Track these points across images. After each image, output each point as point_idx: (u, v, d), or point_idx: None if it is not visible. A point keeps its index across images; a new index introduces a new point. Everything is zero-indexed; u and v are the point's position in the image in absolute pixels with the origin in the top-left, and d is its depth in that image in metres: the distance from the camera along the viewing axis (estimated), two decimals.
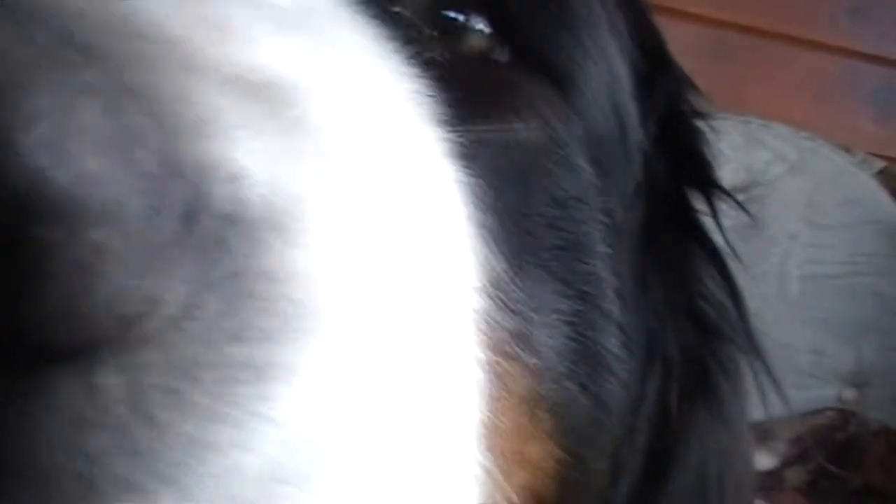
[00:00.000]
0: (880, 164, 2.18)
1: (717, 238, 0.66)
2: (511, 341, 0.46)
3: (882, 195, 2.04)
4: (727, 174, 2.12)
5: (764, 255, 2.02)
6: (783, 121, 2.11)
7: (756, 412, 2.00)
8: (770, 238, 2.03)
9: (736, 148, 2.09)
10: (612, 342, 0.54)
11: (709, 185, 0.65)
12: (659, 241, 0.60)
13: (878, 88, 2.74)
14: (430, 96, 0.43)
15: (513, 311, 0.46)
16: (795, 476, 1.83)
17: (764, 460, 1.88)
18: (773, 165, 2.06)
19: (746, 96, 2.19)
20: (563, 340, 0.50)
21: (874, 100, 2.52)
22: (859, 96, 2.31)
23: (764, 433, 1.93)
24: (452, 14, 0.49)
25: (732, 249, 0.67)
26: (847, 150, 2.17)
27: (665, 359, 0.60)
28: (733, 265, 0.66)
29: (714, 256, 0.65)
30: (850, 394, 1.99)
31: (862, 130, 2.31)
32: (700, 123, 0.64)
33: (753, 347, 0.67)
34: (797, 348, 2.00)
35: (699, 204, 0.65)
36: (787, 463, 1.86)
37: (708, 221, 0.66)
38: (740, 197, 2.16)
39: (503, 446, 0.45)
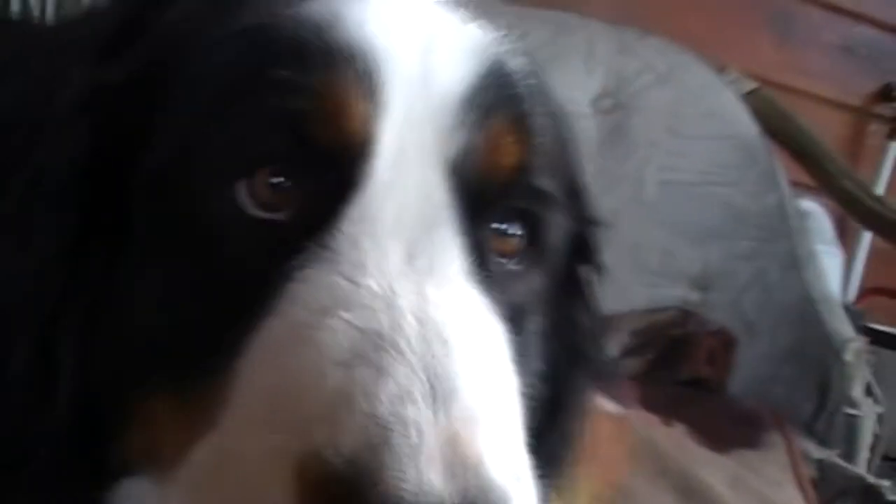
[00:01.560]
0: (752, 84, 2.30)
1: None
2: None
3: (742, 112, 2.15)
4: (598, 79, 2.22)
5: (625, 160, 2.13)
6: (685, 39, 2.21)
7: (605, 306, 2.13)
8: (632, 143, 2.14)
9: (610, 55, 2.18)
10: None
11: (595, 269, 0.96)
12: (561, 302, 0.88)
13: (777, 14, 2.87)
14: None
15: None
16: (632, 365, 1.97)
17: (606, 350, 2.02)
18: (643, 75, 2.16)
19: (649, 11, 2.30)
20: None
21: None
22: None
23: (608, 325, 2.06)
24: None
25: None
26: (722, 68, 2.28)
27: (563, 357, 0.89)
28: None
29: (589, 307, 0.96)
30: (694, 295, 2.13)
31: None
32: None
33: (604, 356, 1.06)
34: (649, 249, 2.13)
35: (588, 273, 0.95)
36: (626, 353, 1.99)
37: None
38: (608, 102, 2.25)
39: None
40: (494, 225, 0.75)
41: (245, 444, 0.64)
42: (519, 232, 0.77)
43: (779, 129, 2.20)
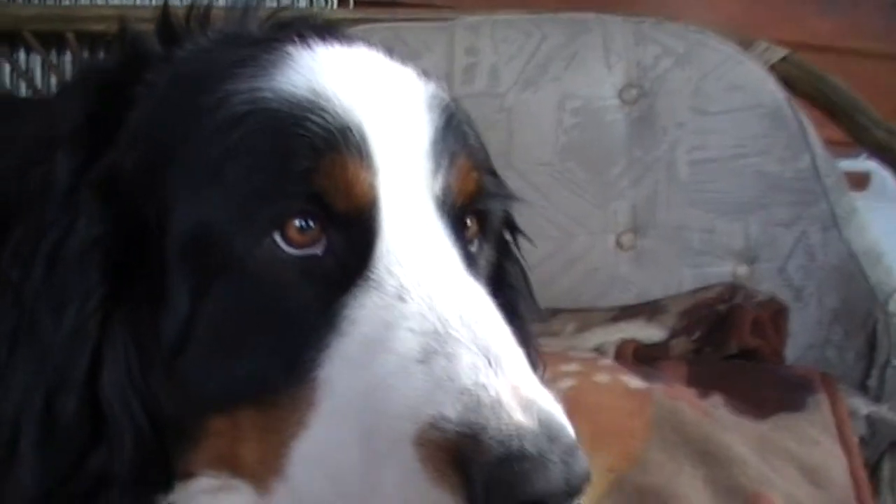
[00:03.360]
0: (782, 52, 2.28)
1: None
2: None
3: (766, 80, 2.14)
4: (620, 71, 2.25)
5: (655, 145, 2.15)
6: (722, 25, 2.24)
7: (654, 291, 2.15)
8: (660, 128, 2.16)
9: (627, 47, 2.21)
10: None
11: (517, 232, 1.15)
12: (496, 261, 1.07)
13: None
14: None
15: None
16: (681, 346, 1.97)
17: (654, 333, 2.03)
18: (662, 60, 2.17)
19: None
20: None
21: None
22: None
23: (655, 309, 2.08)
24: None
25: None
26: (750, 42, 2.27)
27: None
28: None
29: (517, 262, 1.15)
30: (742, 269, 2.13)
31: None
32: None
33: (534, 299, 1.17)
34: (690, 229, 2.14)
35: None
36: (674, 335, 2.00)
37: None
38: (633, 92, 2.28)
39: None
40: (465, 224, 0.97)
41: (348, 434, 0.81)
42: (472, 223, 0.98)
43: (811, 90, 2.18)
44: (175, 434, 0.88)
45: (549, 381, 1.59)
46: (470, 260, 0.93)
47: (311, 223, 0.86)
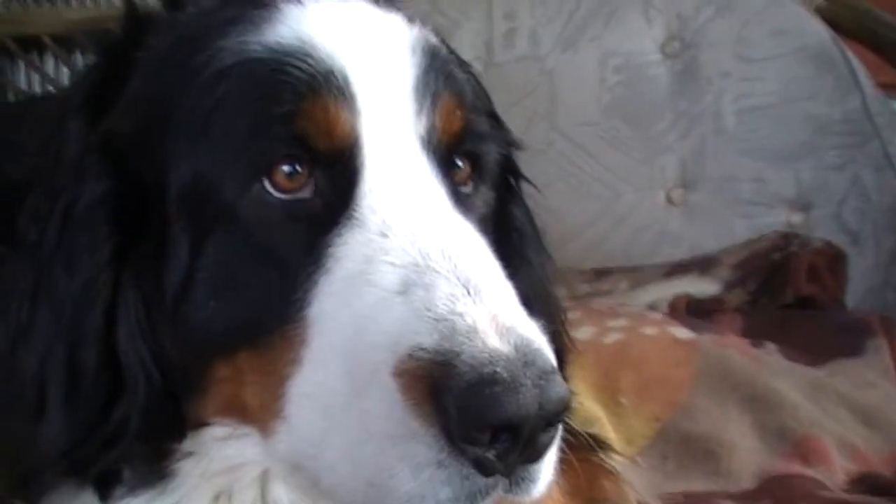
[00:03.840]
0: None
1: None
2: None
3: (809, 21, 2.09)
4: (660, 25, 2.22)
5: (700, 97, 2.12)
6: None
7: (707, 246, 2.12)
8: (705, 79, 2.12)
9: (665, 0, 2.18)
10: None
11: (520, 178, 1.13)
12: (498, 204, 1.06)
13: None
14: None
15: None
16: (736, 298, 1.94)
17: (708, 287, 2.00)
18: (703, 9, 2.14)
19: None
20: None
21: None
22: None
23: (708, 263, 2.05)
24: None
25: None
26: None
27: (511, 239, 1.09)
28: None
29: (524, 206, 1.14)
30: (796, 217, 2.09)
31: None
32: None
33: (544, 246, 1.15)
34: (739, 180, 2.10)
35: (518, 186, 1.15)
36: (728, 287, 1.97)
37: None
38: (676, 45, 2.24)
39: None
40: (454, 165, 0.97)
41: (336, 368, 0.82)
42: (464, 164, 0.98)
43: (858, 28, 2.12)
44: (184, 383, 0.90)
45: (595, 336, 1.60)
46: (459, 199, 0.94)
47: (299, 167, 0.88)
